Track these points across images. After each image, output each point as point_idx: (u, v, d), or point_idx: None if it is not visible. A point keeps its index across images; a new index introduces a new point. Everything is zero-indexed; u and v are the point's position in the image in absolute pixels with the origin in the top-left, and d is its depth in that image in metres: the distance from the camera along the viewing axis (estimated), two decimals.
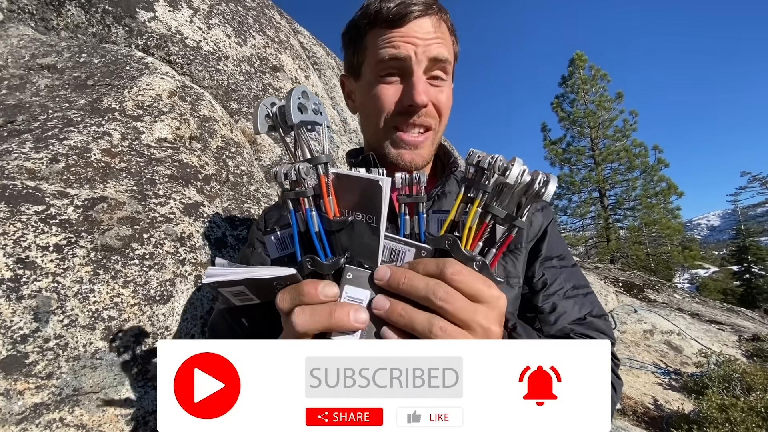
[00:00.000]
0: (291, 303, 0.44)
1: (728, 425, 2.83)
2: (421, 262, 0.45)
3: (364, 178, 0.45)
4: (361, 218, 0.46)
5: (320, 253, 0.46)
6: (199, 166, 1.33)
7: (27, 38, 1.64)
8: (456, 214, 0.47)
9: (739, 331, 6.02)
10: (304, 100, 0.48)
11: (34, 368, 0.76)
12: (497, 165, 0.43)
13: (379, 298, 0.44)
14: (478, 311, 0.43)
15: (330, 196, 0.47)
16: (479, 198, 0.44)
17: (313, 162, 0.46)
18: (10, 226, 0.84)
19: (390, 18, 0.77)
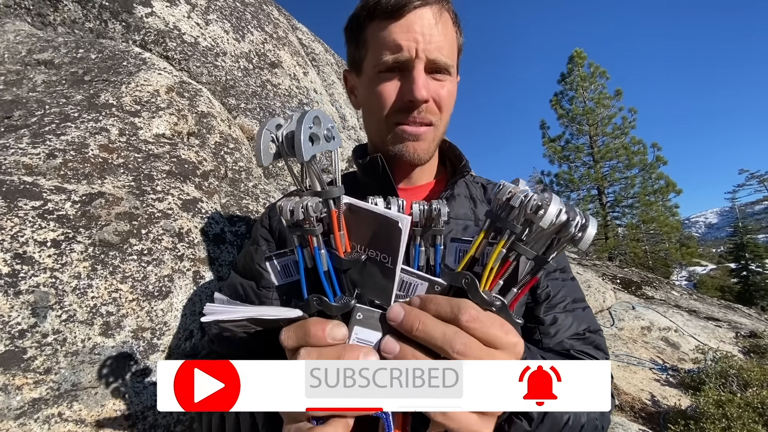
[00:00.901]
0: (296, 342, 0.42)
1: (725, 421, 2.85)
2: (434, 301, 0.42)
3: (381, 215, 0.42)
4: (375, 256, 0.43)
5: (329, 293, 0.43)
6: (198, 162, 1.32)
7: (23, 33, 1.63)
8: (477, 251, 0.43)
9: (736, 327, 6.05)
10: (316, 128, 0.42)
11: (32, 363, 0.76)
12: (531, 205, 0.38)
13: (388, 341, 0.41)
14: (495, 358, 0.41)
15: (341, 231, 0.44)
16: (505, 239, 0.40)
17: (323, 196, 0.42)
18: (8, 221, 0.84)
19: (389, 9, 0.75)
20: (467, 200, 0.87)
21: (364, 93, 0.86)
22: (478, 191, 0.91)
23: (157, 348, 0.93)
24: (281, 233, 0.83)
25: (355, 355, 0.40)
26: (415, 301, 0.43)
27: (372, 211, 0.42)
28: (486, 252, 0.43)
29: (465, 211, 0.84)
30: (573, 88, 19.80)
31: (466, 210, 0.85)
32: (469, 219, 0.83)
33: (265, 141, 0.42)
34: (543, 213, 0.37)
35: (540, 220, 0.37)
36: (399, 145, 0.81)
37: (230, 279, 0.86)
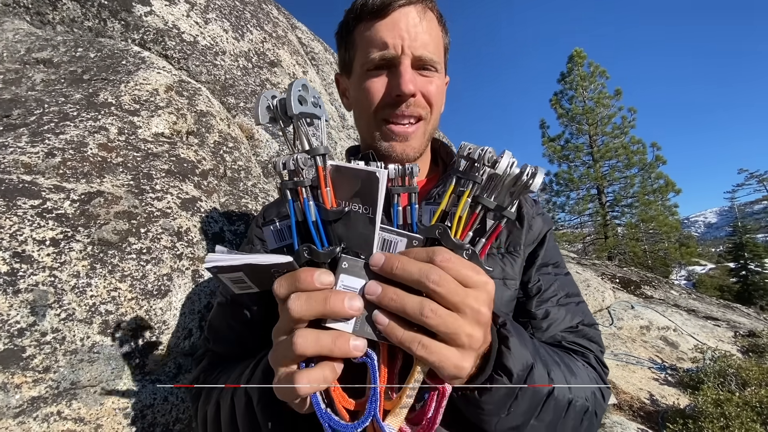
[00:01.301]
0: (287, 290, 0.44)
1: (723, 420, 2.85)
2: (413, 251, 0.46)
3: (361, 169, 0.46)
4: (357, 209, 0.47)
5: (317, 242, 0.46)
6: (197, 161, 1.32)
7: (22, 32, 1.63)
8: (447, 205, 0.48)
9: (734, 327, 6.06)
10: (304, 92, 0.48)
11: (31, 362, 0.76)
12: (487, 156, 0.44)
13: (371, 284, 0.44)
14: (469, 294, 0.43)
15: (327, 187, 0.48)
16: (469, 189, 0.45)
17: (311, 153, 0.47)
18: (7, 220, 0.84)
19: (374, 9, 0.78)
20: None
21: (354, 92, 0.88)
22: None
23: (157, 346, 0.93)
24: None
25: (341, 298, 0.43)
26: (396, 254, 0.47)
27: (353, 168, 0.47)
28: (454, 209, 0.48)
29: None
30: (573, 88, 19.81)
31: None
32: None
33: (263, 104, 0.50)
34: (498, 164, 0.44)
35: (496, 169, 0.44)
36: (386, 144, 0.83)
37: None
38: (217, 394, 0.63)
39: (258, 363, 0.59)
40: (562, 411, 0.56)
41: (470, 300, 0.43)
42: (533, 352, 0.54)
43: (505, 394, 0.50)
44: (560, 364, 0.59)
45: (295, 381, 0.42)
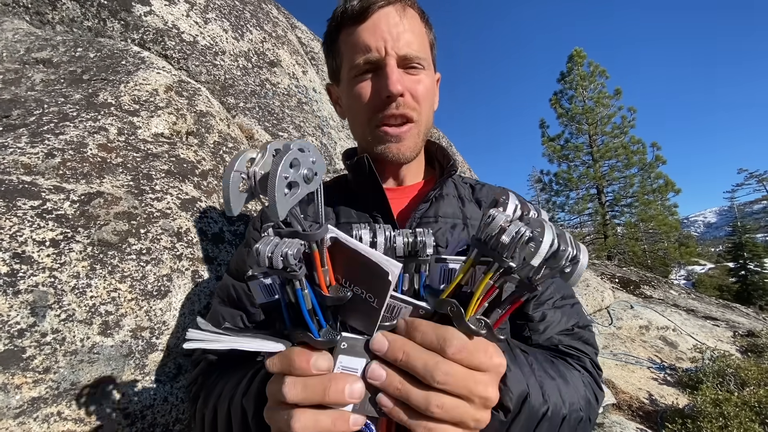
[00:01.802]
0: (281, 370, 0.42)
1: (722, 419, 2.86)
2: (419, 329, 0.42)
3: (370, 260, 0.39)
4: (360, 293, 0.42)
5: (313, 330, 0.41)
6: (196, 161, 1.32)
7: (22, 32, 1.63)
8: (463, 278, 0.42)
9: (734, 326, 6.07)
10: (294, 172, 0.36)
11: (31, 363, 0.76)
12: (525, 251, 0.37)
13: (375, 368, 0.42)
14: (478, 383, 0.42)
15: (325, 266, 0.42)
16: (493, 272, 0.39)
17: (305, 239, 0.39)
18: (6, 221, 0.84)
19: (354, 14, 0.78)
20: (455, 199, 0.89)
21: (345, 100, 0.88)
22: (466, 191, 0.93)
23: (156, 347, 0.93)
24: None
25: (341, 388, 0.41)
26: (401, 326, 0.43)
27: (361, 254, 0.40)
28: (471, 276, 0.42)
29: (453, 210, 0.86)
30: (572, 87, 19.82)
31: (454, 209, 0.86)
32: (457, 218, 0.85)
33: (233, 186, 0.36)
34: (533, 250, 0.36)
35: (531, 257, 0.36)
36: (382, 146, 0.82)
37: (223, 280, 0.86)
38: (215, 398, 0.63)
39: (254, 377, 0.57)
40: (556, 428, 0.56)
41: (479, 388, 0.42)
42: (528, 375, 0.54)
43: (498, 423, 0.49)
44: (555, 378, 0.59)
45: None
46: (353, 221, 0.84)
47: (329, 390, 0.41)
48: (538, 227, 0.37)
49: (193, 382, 0.74)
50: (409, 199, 0.91)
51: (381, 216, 0.83)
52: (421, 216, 0.84)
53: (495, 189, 0.96)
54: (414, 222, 0.83)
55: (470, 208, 0.88)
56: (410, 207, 0.89)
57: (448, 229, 0.82)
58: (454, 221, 0.84)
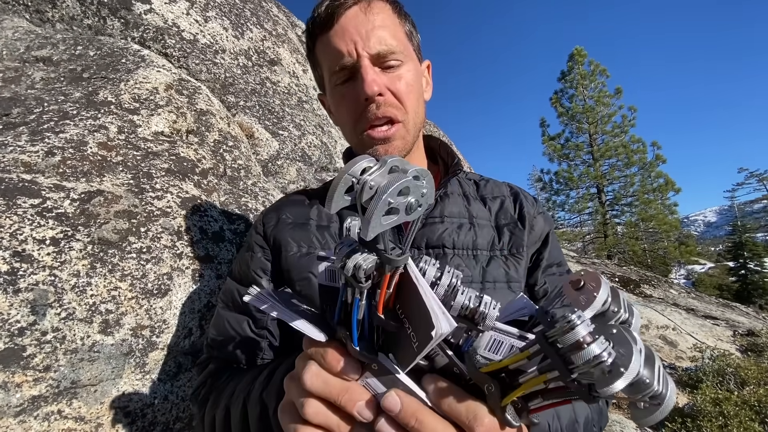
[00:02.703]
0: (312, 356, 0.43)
1: (722, 419, 2.86)
2: (449, 399, 0.39)
3: (425, 305, 0.38)
4: (407, 328, 0.40)
5: (355, 339, 0.41)
6: (196, 159, 1.32)
7: (22, 30, 1.63)
8: (512, 364, 0.38)
9: (734, 326, 6.07)
10: (400, 199, 0.35)
11: (31, 361, 0.76)
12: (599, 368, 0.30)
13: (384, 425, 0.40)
14: None
15: (389, 289, 0.41)
16: (550, 378, 0.34)
17: (385, 261, 0.39)
18: (6, 219, 0.84)
19: (323, 22, 0.77)
20: (461, 198, 0.87)
21: (333, 109, 0.87)
22: (470, 188, 0.91)
23: (156, 346, 0.93)
24: (276, 239, 0.82)
25: (355, 401, 0.40)
26: (429, 384, 0.41)
27: (421, 297, 0.38)
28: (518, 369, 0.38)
29: (459, 209, 0.84)
30: (573, 86, 19.81)
31: (460, 208, 0.84)
32: (463, 217, 0.83)
33: (342, 187, 0.37)
34: (609, 378, 0.29)
35: (602, 385, 0.30)
36: (370, 151, 0.80)
37: (227, 285, 0.85)
38: (227, 398, 0.62)
39: (273, 371, 0.57)
40: None
41: None
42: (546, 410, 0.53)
43: None
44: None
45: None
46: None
47: (343, 396, 0.40)
48: (623, 348, 0.31)
49: (201, 385, 0.73)
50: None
51: None
52: (426, 216, 0.82)
53: (499, 185, 0.94)
54: (419, 222, 0.82)
55: (476, 206, 0.86)
56: None
57: (454, 229, 0.80)
58: (460, 221, 0.82)
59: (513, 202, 0.89)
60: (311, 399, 0.42)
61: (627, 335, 0.32)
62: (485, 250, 0.80)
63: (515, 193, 0.91)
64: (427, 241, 0.78)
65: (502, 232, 0.82)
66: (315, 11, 0.78)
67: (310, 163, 2.04)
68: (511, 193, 0.91)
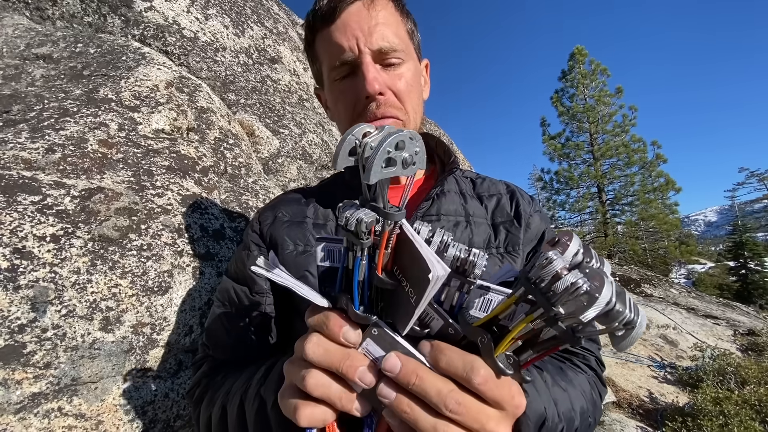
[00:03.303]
0: (314, 325, 0.44)
1: (722, 418, 2.86)
2: (446, 353, 0.41)
3: (421, 254, 0.40)
4: (405, 286, 0.42)
5: (356, 301, 0.43)
6: (197, 157, 1.32)
7: (22, 28, 1.62)
8: (502, 312, 0.41)
9: (734, 325, 6.07)
10: (397, 153, 0.39)
11: (32, 358, 0.76)
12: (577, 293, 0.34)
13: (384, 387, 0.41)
14: (491, 419, 0.40)
15: (388, 249, 0.43)
16: (535, 316, 0.37)
17: (383, 216, 0.41)
18: (7, 216, 0.83)
19: (324, 15, 0.76)
20: (457, 196, 0.87)
21: (331, 104, 0.86)
22: (467, 186, 0.91)
23: (157, 343, 0.93)
24: (272, 237, 0.81)
25: (356, 367, 0.41)
26: (425, 346, 0.42)
27: (416, 248, 0.40)
28: (511, 310, 0.41)
29: (456, 207, 0.84)
30: (574, 86, 19.77)
31: (456, 206, 0.84)
32: (459, 215, 0.83)
33: (346, 147, 0.41)
34: (586, 305, 0.33)
35: (581, 312, 0.33)
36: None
37: (223, 284, 0.84)
38: (223, 397, 0.62)
39: (271, 367, 0.57)
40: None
41: (491, 425, 0.40)
42: (546, 399, 0.53)
43: None
44: (566, 389, 0.58)
45: (297, 413, 0.42)
46: None
47: (344, 362, 0.41)
48: (597, 280, 0.34)
49: (196, 385, 0.73)
50: (409, 197, 0.90)
51: None
52: (423, 214, 0.82)
53: (496, 183, 0.94)
54: (415, 220, 0.82)
55: (472, 204, 0.86)
56: (411, 204, 0.88)
57: (450, 227, 0.80)
58: (457, 219, 0.82)
59: (509, 200, 0.88)
60: (312, 369, 0.42)
61: (599, 272, 0.35)
62: (481, 248, 0.80)
63: (512, 192, 0.91)
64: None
65: (499, 230, 0.82)
66: (316, 4, 0.77)
67: (311, 161, 2.03)
68: (507, 191, 0.91)
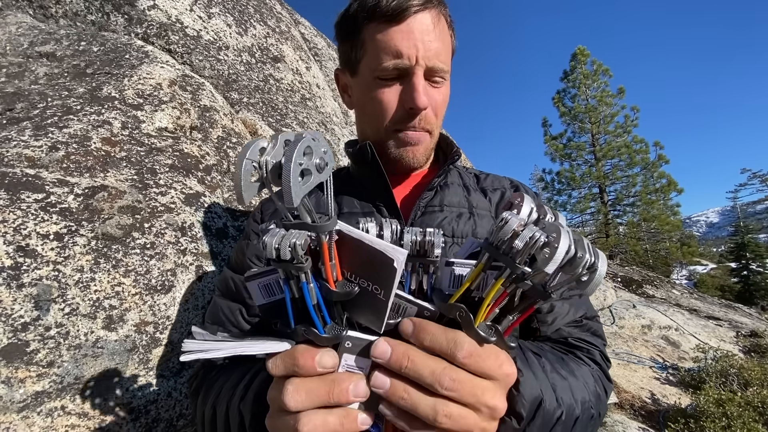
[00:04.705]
0: (285, 371, 0.41)
1: (725, 420, 2.85)
2: (428, 331, 0.40)
3: (375, 249, 0.38)
4: (366, 286, 0.41)
5: (318, 325, 0.40)
6: (200, 156, 1.32)
7: (25, 26, 1.62)
8: (473, 282, 0.40)
9: (736, 326, 6.05)
10: (307, 160, 0.36)
11: (35, 356, 0.76)
12: (536, 247, 0.35)
13: (378, 376, 0.40)
14: (486, 391, 0.41)
15: (332, 261, 0.40)
16: (504, 277, 0.37)
17: (315, 230, 0.38)
18: (10, 213, 0.83)
19: (389, 13, 0.73)
20: (461, 188, 0.88)
21: (360, 96, 0.85)
22: (471, 180, 0.93)
23: (160, 342, 0.93)
24: None
25: (345, 388, 0.39)
26: (407, 326, 0.41)
27: (365, 243, 0.39)
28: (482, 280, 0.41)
29: (459, 199, 0.85)
30: (575, 86, 19.74)
31: (460, 198, 0.85)
32: (463, 207, 0.84)
33: (245, 175, 0.35)
34: (548, 256, 0.34)
35: (545, 264, 0.34)
36: (400, 150, 0.82)
37: (223, 273, 0.85)
38: (214, 397, 0.61)
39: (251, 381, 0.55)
40: (569, 429, 0.55)
41: (487, 397, 0.41)
42: (542, 380, 0.53)
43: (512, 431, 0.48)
44: (567, 377, 0.58)
45: None
46: (356, 211, 0.83)
47: (333, 391, 0.39)
48: (554, 232, 0.35)
49: (194, 377, 0.73)
50: (412, 187, 0.90)
51: (384, 205, 0.82)
52: (426, 204, 0.83)
53: (500, 178, 0.95)
54: (419, 210, 0.82)
55: (476, 197, 0.87)
56: (414, 195, 0.88)
57: (453, 218, 0.81)
58: (460, 210, 0.83)
59: None
60: (301, 416, 0.40)
61: (555, 225, 0.36)
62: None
63: (515, 186, 0.93)
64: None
65: None
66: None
67: None
68: (511, 186, 0.93)
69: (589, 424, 0.59)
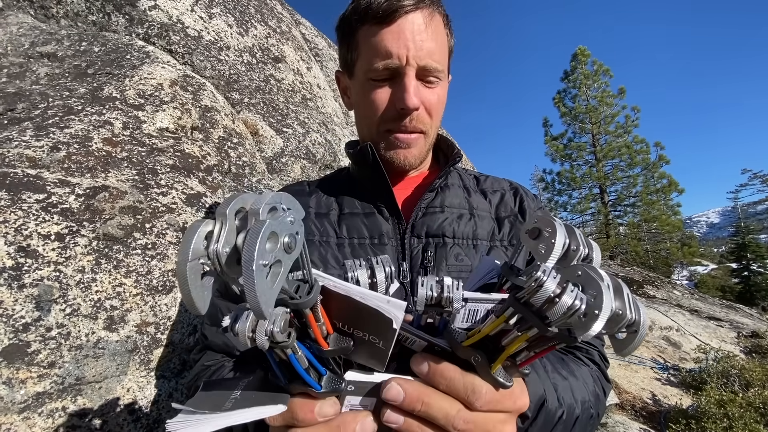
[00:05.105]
0: (283, 423, 0.39)
1: (726, 420, 2.84)
2: (446, 376, 0.39)
3: (369, 307, 0.35)
4: (362, 336, 0.38)
5: (313, 384, 0.37)
6: (201, 156, 1.31)
7: (27, 26, 1.62)
8: (492, 330, 0.37)
9: (737, 327, 6.04)
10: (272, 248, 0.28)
11: (36, 357, 0.75)
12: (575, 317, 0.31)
13: (391, 414, 0.40)
14: (497, 422, 0.41)
15: (320, 321, 0.37)
16: (530, 335, 0.34)
17: (294, 307, 0.34)
18: (11, 214, 0.83)
19: (380, 14, 0.74)
20: (461, 189, 0.89)
21: (356, 97, 0.86)
22: (471, 182, 0.94)
23: (161, 343, 0.92)
24: None
25: (352, 427, 0.39)
26: (422, 367, 0.40)
27: (357, 300, 0.35)
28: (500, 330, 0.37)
29: (459, 200, 0.86)
30: (576, 86, 19.74)
31: (460, 199, 0.86)
32: (463, 208, 0.85)
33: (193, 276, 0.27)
34: (586, 324, 0.30)
35: (581, 331, 0.30)
36: (390, 152, 0.82)
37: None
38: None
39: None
40: (570, 428, 0.56)
41: (498, 428, 0.41)
42: (544, 379, 0.53)
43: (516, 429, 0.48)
44: (567, 377, 0.59)
45: None
46: (357, 211, 0.83)
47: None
48: (592, 289, 0.31)
49: (192, 380, 0.72)
50: (413, 188, 0.90)
51: (385, 206, 0.82)
52: (427, 205, 0.83)
53: (499, 180, 0.96)
54: (420, 211, 0.82)
55: (476, 198, 0.88)
56: (415, 196, 0.88)
57: (454, 219, 0.81)
58: (461, 211, 0.84)
59: (513, 196, 0.91)
60: None
61: (593, 274, 0.32)
62: (485, 240, 0.81)
63: (515, 188, 0.94)
64: (427, 230, 0.79)
65: (503, 224, 0.85)
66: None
67: (314, 160, 2.03)
68: (511, 188, 0.94)
69: (588, 424, 0.60)
